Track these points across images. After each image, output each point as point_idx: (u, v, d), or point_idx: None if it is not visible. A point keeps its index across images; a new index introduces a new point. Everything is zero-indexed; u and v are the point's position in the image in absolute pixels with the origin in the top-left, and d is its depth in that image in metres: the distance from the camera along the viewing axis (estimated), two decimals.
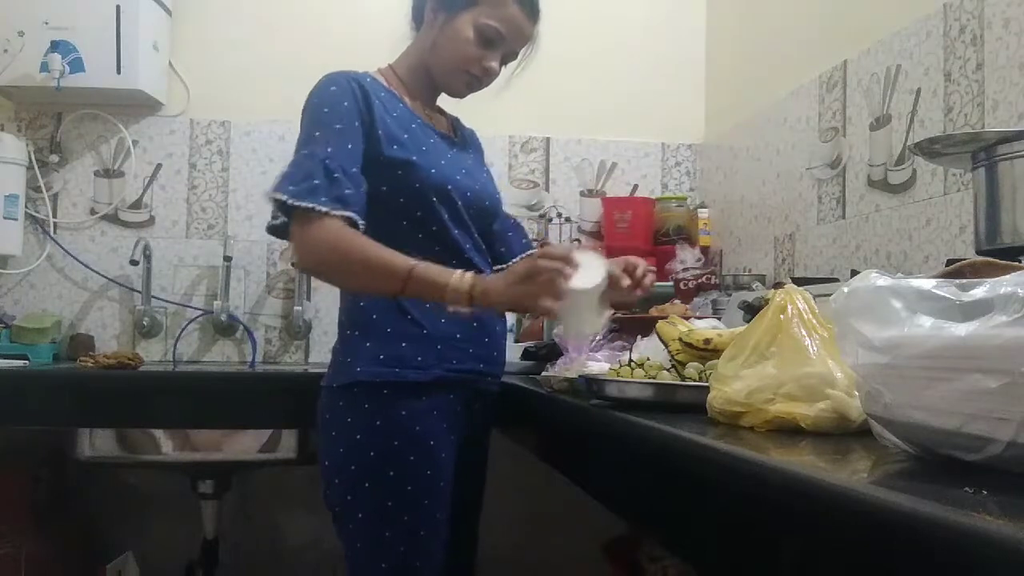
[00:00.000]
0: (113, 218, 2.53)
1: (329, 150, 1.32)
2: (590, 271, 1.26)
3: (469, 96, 1.55)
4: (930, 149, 1.18)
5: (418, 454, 1.40)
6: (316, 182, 1.29)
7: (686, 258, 2.28)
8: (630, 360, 1.18)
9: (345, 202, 1.30)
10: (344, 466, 1.41)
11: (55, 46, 2.29)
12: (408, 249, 1.35)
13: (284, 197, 1.29)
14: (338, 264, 1.33)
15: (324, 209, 1.28)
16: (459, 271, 1.28)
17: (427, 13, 1.50)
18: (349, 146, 1.35)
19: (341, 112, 1.37)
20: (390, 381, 1.40)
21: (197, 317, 2.51)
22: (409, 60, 1.55)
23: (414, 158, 1.42)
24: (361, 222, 1.33)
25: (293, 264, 1.39)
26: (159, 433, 2.05)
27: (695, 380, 1.08)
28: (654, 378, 1.11)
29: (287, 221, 1.34)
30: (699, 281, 2.19)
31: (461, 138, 1.64)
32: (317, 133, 1.35)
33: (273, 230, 1.39)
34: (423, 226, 1.45)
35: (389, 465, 1.39)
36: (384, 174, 1.41)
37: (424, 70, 1.53)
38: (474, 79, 1.50)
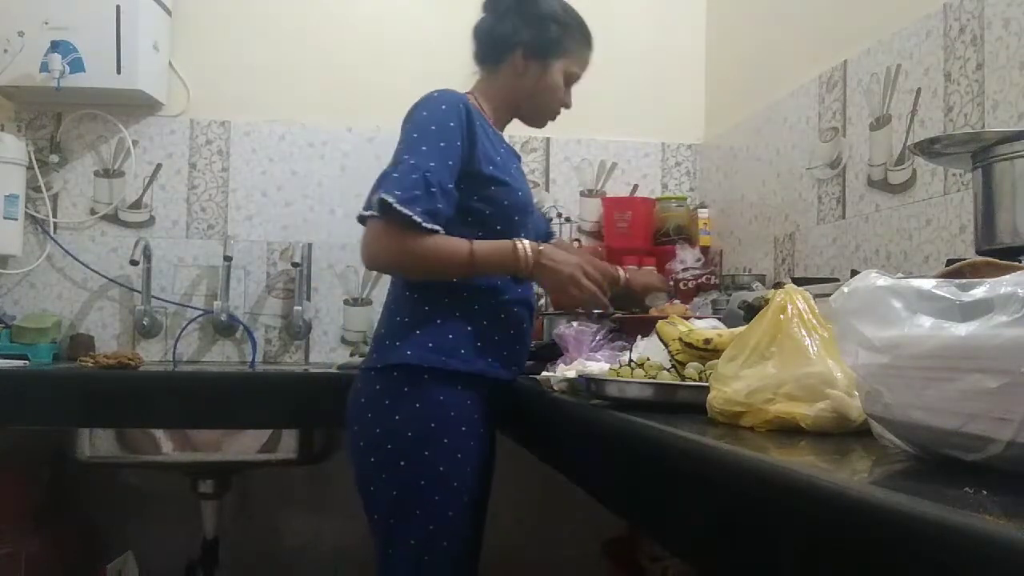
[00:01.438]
0: (113, 218, 2.53)
1: (432, 164, 1.44)
2: None
3: None
4: (930, 149, 1.18)
5: (452, 437, 1.50)
6: (417, 193, 1.42)
7: (686, 258, 2.28)
8: (630, 360, 1.18)
9: (436, 215, 1.43)
10: (381, 445, 1.49)
11: (55, 46, 2.29)
12: None
13: (391, 200, 1.40)
14: (411, 266, 1.50)
15: (418, 220, 1.41)
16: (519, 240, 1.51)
17: (516, 60, 1.64)
18: (449, 163, 1.47)
19: (447, 131, 1.48)
20: (435, 368, 1.50)
21: (197, 317, 2.51)
22: (493, 96, 1.67)
23: (507, 179, 1.58)
24: (443, 233, 1.46)
25: (368, 264, 1.55)
26: (159, 433, 2.05)
27: (695, 380, 1.07)
28: (654, 378, 1.11)
29: (373, 216, 1.44)
30: (699, 281, 2.19)
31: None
32: (424, 147, 1.46)
33: (362, 220, 1.49)
34: (498, 239, 1.54)
35: (424, 445, 1.48)
36: (480, 188, 1.54)
37: (509, 107, 1.69)
38: (557, 115, 1.73)
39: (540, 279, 1.55)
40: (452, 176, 1.48)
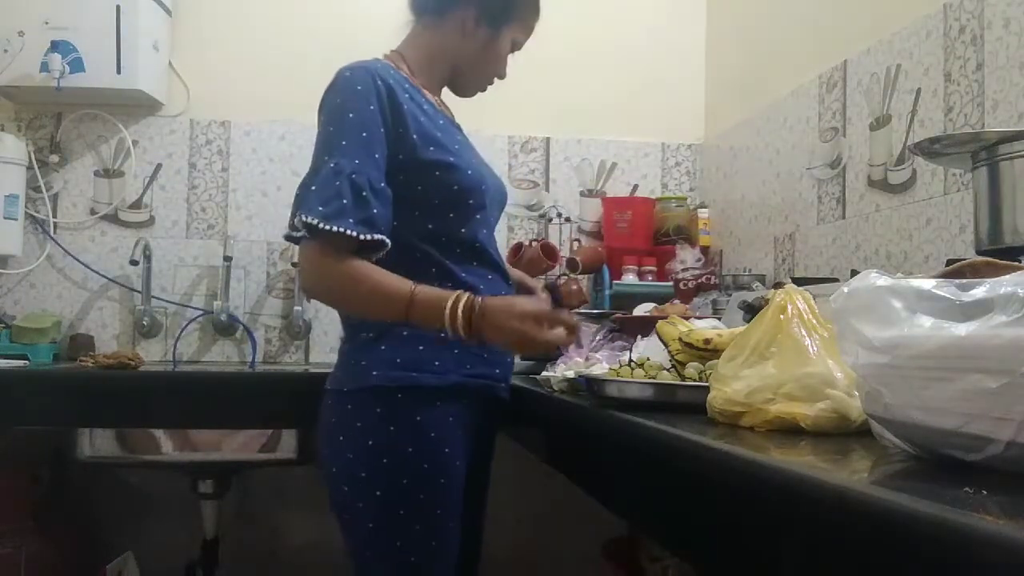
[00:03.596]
0: (113, 218, 2.53)
1: (356, 162, 1.27)
2: None
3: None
4: (930, 149, 1.18)
5: (432, 462, 1.34)
6: (344, 202, 1.24)
7: (686, 258, 2.28)
8: (630, 360, 1.18)
9: (372, 224, 1.26)
10: (354, 473, 1.34)
11: (55, 46, 2.29)
12: (433, 251, 1.35)
13: (315, 220, 1.23)
14: (342, 298, 1.33)
15: (353, 233, 1.23)
16: (456, 294, 1.24)
17: (467, 20, 1.46)
18: (376, 156, 1.29)
19: (367, 117, 1.30)
20: (406, 386, 1.33)
21: (197, 317, 2.51)
22: (427, 52, 1.49)
23: (452, 159, 1.37)
24: (388, 242, 1.28)
25: (306, 294, 1.37)
26: (159, 433, 2.05)
27: (695, 380, 1.08)
28: (654, 378, 1.11)
29: (306, 236, 1.27)
30: (699, 281, 2.19)
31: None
32: (343, 142, 1.28)
33: (292, 239, 1.33)
34: (451, 228, 1.39)
35: (402, 473, 1.32)
36: (420, 176, 1.35)
37: (447, 67, 1.49)
38: (491, 84, 1.54)
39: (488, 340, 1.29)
40: (382, 171, 1.29)
